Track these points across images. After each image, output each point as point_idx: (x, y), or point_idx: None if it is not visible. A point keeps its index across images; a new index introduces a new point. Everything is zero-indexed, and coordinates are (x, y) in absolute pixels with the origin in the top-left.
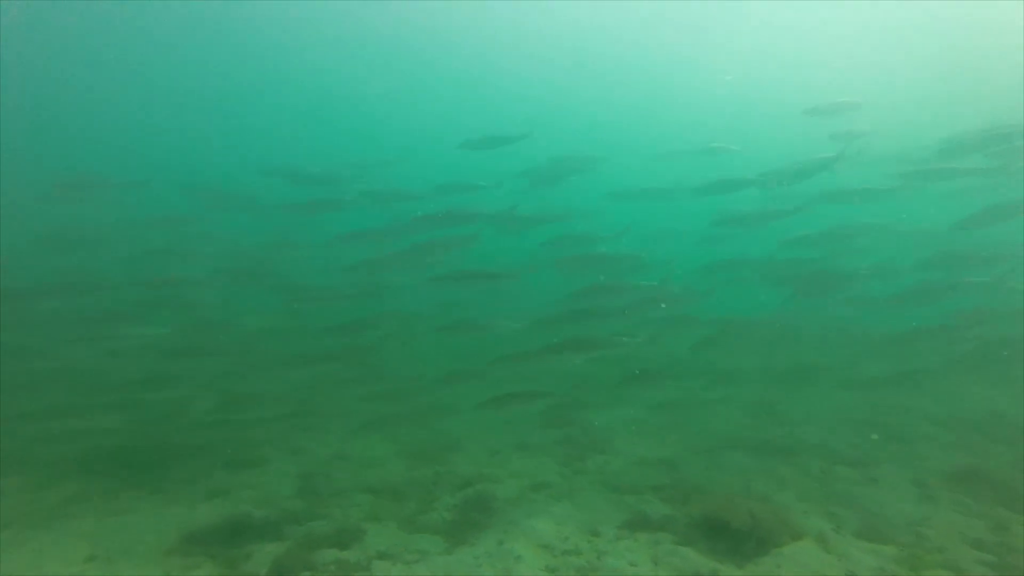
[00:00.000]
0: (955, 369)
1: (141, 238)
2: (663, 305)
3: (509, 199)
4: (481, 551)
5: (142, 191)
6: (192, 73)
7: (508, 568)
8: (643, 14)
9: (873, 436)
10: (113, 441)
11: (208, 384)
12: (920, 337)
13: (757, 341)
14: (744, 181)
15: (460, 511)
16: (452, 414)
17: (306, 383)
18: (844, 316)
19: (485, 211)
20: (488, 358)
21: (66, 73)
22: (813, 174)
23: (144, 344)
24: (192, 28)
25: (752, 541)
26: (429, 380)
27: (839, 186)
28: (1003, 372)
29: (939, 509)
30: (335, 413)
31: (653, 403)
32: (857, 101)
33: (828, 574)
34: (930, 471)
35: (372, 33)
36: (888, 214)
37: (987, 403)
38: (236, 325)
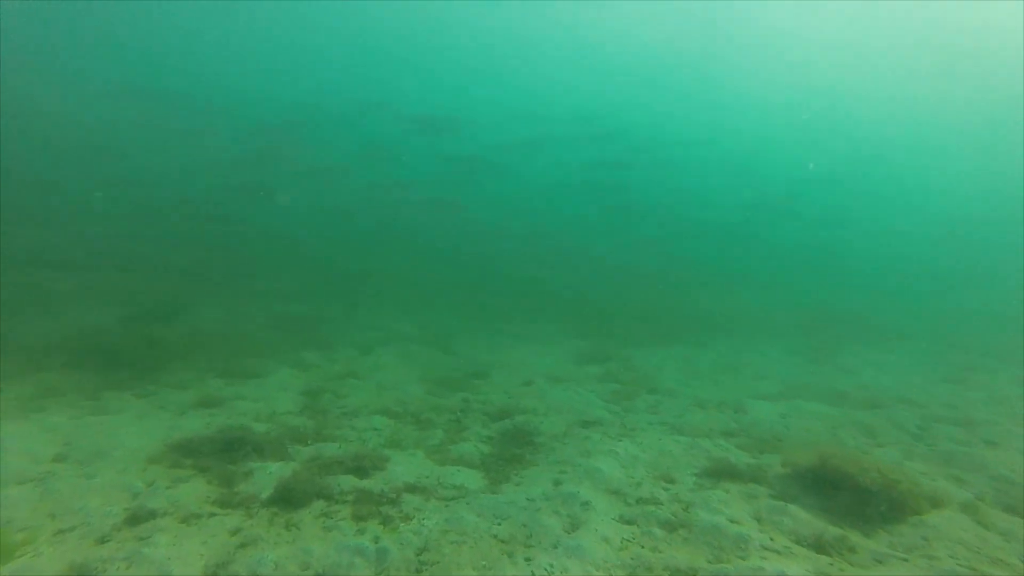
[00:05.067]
0: None
1: None
2: None
3: None
4: (536, 492)
5: None
6: None
7: (576, 516)
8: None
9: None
10: (102, 336)
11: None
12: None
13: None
14: None
15: (497, 444)
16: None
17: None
18: None
19: None
20: None
21: None
22: None
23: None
24: None
25: (882, 504)
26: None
27: None
28: None
29: None
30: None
31: (695, 343)
32: None
33: (997, 556)
34: None
35: None
36: None
37: None
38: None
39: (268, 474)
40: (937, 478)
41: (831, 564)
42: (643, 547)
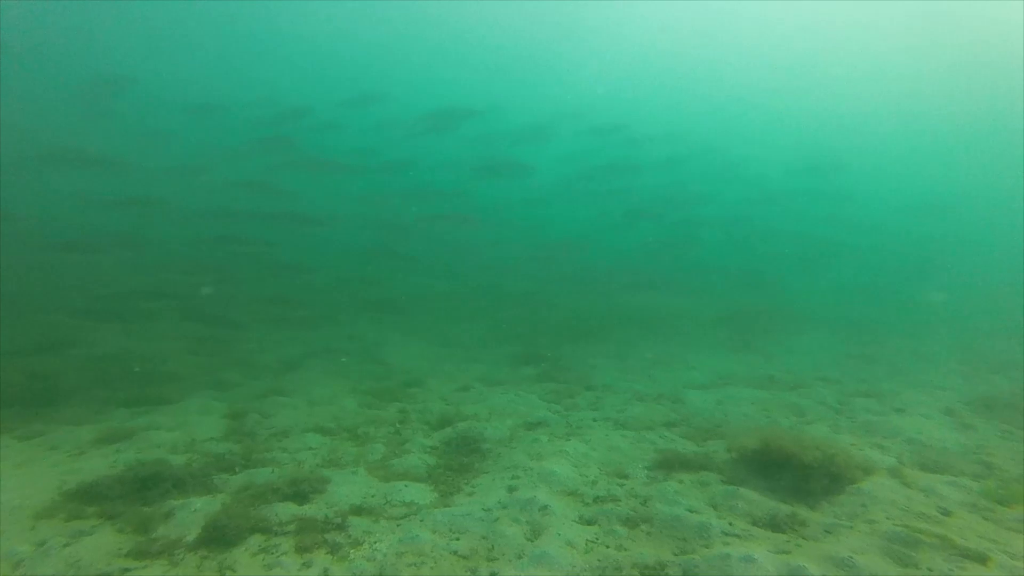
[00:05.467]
0: None
1: None
2: None
3: None
4: (492, 501)
5: None
6: None
7: (536, 522)
8: None
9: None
10: None
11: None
12: None
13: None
14: None
15: (443, 454)
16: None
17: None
18: None
19: None
20: None
21: None
22: None
23: None
24: None
25: (823, 478)
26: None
27: None
28: None
29: (986, 437)
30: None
31: (626, 341)
32: None
33: (921, 511)
34: (951, 400)
35: None
36: None
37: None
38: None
39: (193, 512)
40: (863, 447)
41: (788, 541)
42: (608, 547)
